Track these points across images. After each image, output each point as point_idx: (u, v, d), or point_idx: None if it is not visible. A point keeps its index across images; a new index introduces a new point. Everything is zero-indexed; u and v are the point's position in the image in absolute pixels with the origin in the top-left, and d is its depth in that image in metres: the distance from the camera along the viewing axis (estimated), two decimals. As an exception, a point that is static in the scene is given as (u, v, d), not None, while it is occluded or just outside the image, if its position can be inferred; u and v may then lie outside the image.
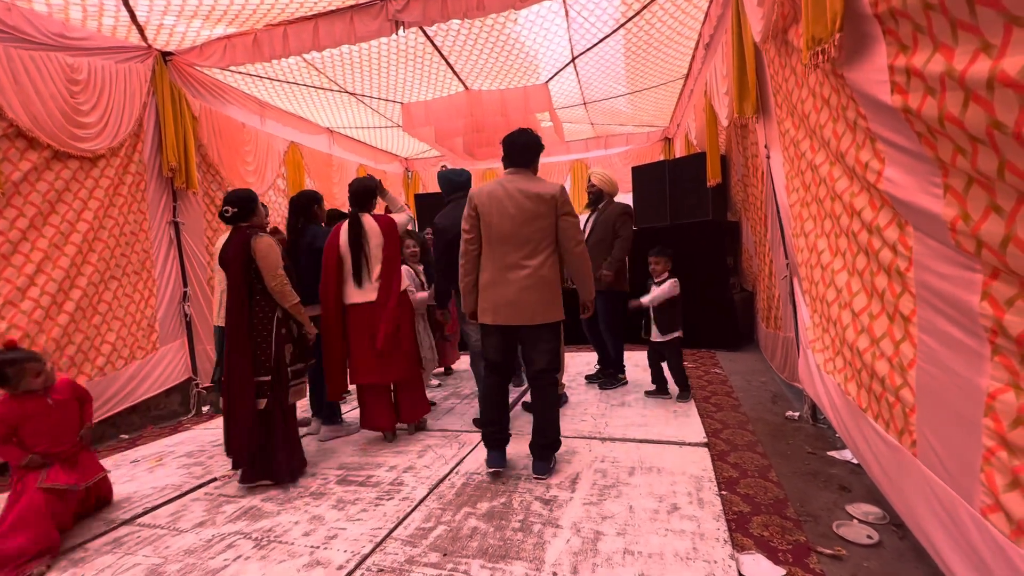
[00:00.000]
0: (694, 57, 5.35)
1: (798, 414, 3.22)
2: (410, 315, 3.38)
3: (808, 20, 1.86)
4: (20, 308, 3.32)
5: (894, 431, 1.76)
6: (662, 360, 3.73)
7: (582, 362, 5.02)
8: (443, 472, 2.75)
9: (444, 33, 4.58)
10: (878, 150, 1.64)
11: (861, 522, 2.03)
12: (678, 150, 7.66)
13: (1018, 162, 1.05)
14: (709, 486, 2.38)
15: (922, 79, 1.28)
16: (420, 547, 2.04)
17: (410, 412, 3.36)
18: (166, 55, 4.44)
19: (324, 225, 3.60)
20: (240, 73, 5.12)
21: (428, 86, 5.77)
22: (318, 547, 2.10)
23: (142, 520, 2.45)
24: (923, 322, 1.53)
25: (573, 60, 5.27)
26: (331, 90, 5.72)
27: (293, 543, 2.14)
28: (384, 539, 2.12)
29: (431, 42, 4.72)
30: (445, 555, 1.97)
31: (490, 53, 5.02)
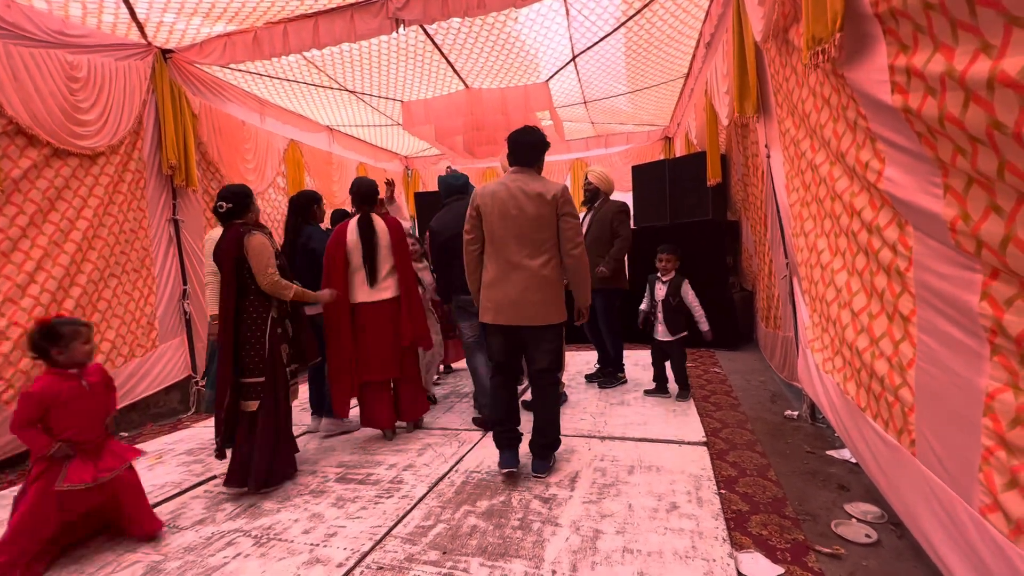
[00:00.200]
0: (695, 56, 5.34)
1: (797, 413, 3.22)
2: None
3: (809, 19, 1.86)
4: (20, 305, 3.32)
5: (893, 430, 1.76)
6: (666, 359, 3.74)
7: (582, 361, 5.02)
8: (443, 470, 2.76)
9: (444, 31, 4.57)
10: (878, 150, 1.64)
11: (860, 521, 2.04)
12: (678, 149, 7.65)
13: (1018, 162, 1.05)
14: (708, 485, 2.38)
15: (922, 79, 1.28)
16: (420, 545, 2.04)
17: (410, 409, 3.37)
18: (166, 52, 4.43)
19: (332, 226, 3.62)
20: (240, 71, 5.11)
21: (428, 84, 5.77)
22: (318, 545, 2.10)
23: (142, 517, 2.46)
24: (922, 322, 1.53)
25: (574, 59, 5.27)
26: (331, 88, 5.71)
27: (293, 541, 2.15)
28: (384, 537, 2.13)
29: (431, 40, 4.72)
30: (445, 553, 1.97)
31: (490, 51, 5.02)
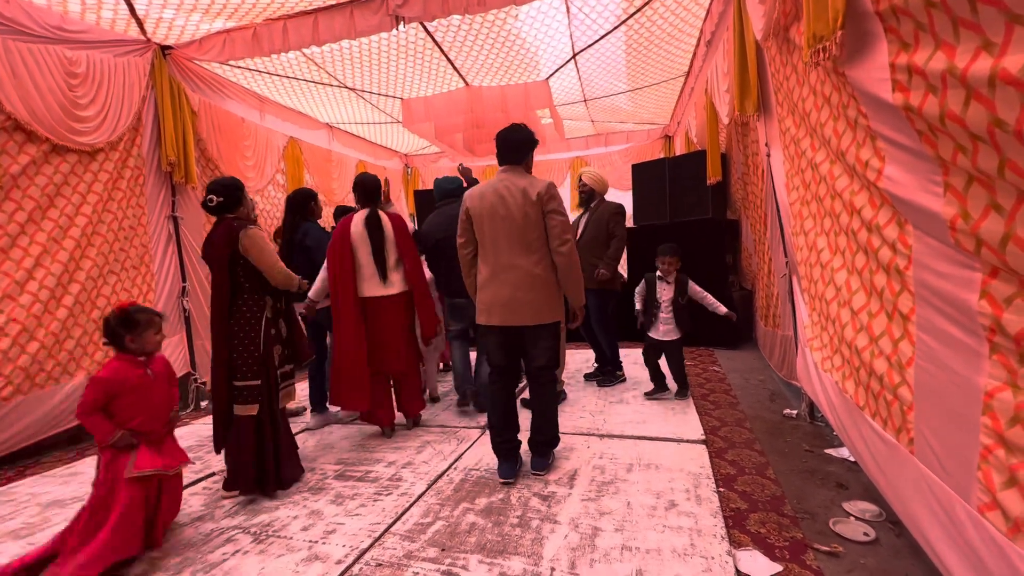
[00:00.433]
0: (695, 54, 5.34)
1: (796, 412, 3.22)
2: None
3: (809, 18, 1.85)
4: (19, 302, 3.32)
5: (892, 429, 1.77)
6: (659, 357, 3.73)
7: (581, 359, 5.02)
8: (442, 468, 2.76)
9: (445, 28, 4.56)
10: (878, 148, 1.64)
11: (858, 519, 2.04)
12: (678, 148, 7.65)
13: (1019, 160, 1.05)
14: (707, 483, 2.39)
15: (923, 77, 1.28)
16: (418, 542, 2.04)
17: (410, 405, 3.38)
18: (165, 49, 4.42)
19: (335, 223, 3.63)
20: (239, 68, 5.10)
21: (428, 82, 5.75)
22: (316, 542, 2.10)
23: (141, 514, 2.46)
24: (922, 320, 1.53)
25: (574, 57, 5.26)
26: (331, 85, 5.69)
27: (292, 537, 2.15)
28: (383, 534, 2.13)
29: (431, 37, 4.71)
30: (443, 550, 1.97)
31: (491, 49, 5.00)
